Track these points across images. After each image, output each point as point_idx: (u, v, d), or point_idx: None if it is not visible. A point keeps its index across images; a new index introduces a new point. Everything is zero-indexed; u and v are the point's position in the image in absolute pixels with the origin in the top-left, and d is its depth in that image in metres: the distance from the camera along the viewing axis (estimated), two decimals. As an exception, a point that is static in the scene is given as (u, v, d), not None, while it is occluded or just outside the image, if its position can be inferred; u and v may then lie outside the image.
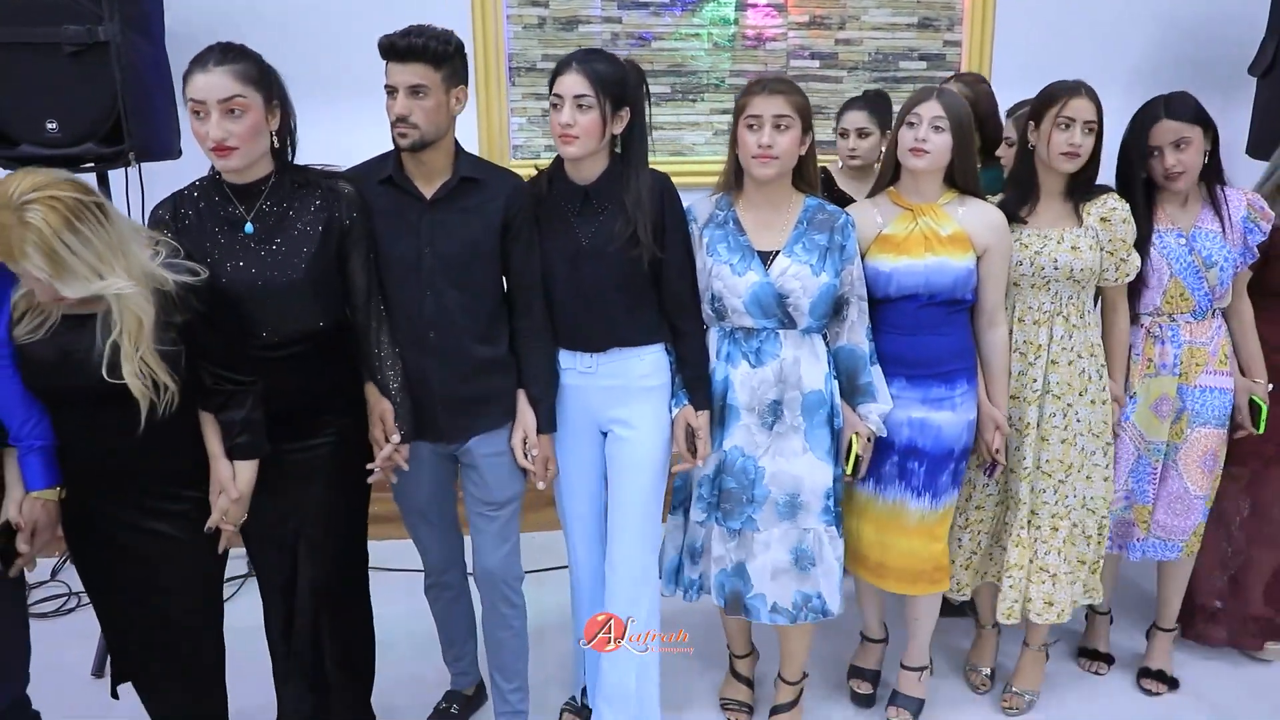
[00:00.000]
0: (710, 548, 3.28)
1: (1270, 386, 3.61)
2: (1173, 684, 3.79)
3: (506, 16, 4.73)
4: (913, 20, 5.05)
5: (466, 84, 2.94)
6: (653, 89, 4.76)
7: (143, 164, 3.71)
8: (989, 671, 3.79)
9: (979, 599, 3.76)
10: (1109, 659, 3.92)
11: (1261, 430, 3.58)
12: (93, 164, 3.72)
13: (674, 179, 3.41)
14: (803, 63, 5.02)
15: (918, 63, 5.09)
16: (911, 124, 3.16)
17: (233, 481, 2.73)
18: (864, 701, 3.69)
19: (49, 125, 3.53)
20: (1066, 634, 3.98)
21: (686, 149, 5.00)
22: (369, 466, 2.98)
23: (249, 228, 2.76)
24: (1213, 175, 3.47)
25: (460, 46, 2.90)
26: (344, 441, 2.94)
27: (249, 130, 2.65)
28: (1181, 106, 3.38)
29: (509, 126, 4.83)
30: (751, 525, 3.20)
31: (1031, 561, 3.45)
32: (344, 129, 3.58)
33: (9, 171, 3.47)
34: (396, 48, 2.78)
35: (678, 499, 3.41)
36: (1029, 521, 3.45)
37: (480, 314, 3.02)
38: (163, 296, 2.51)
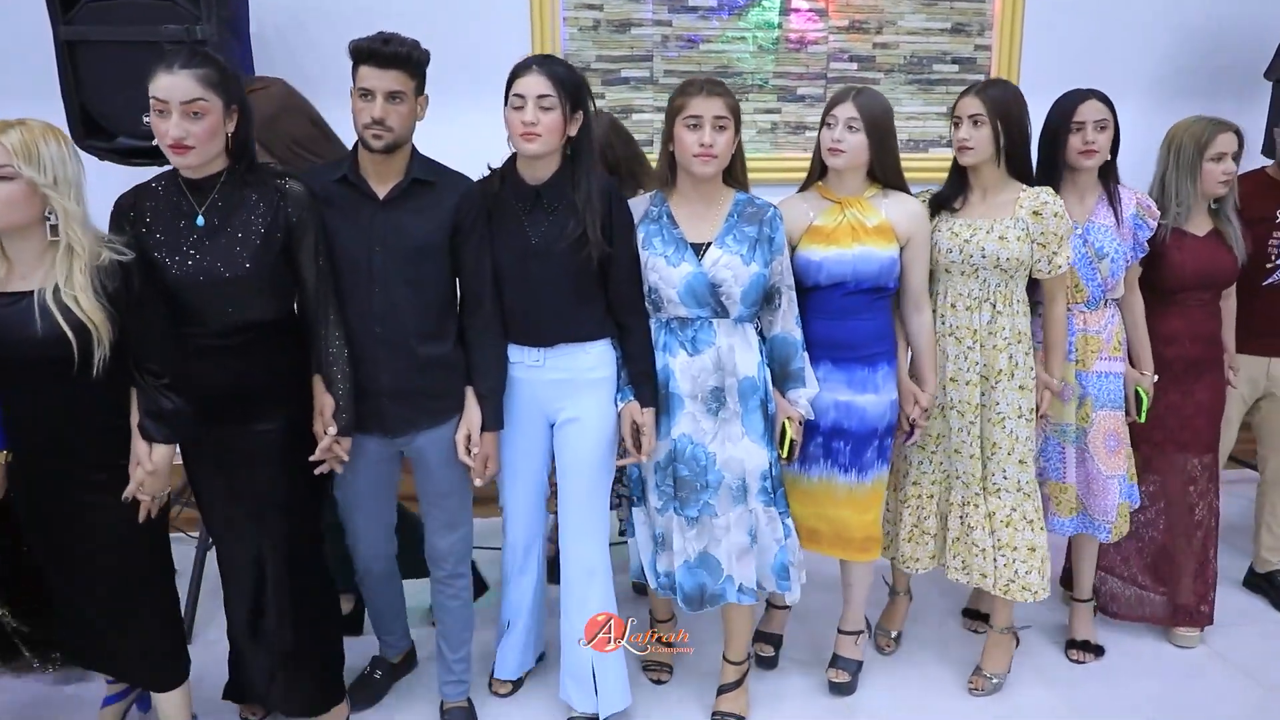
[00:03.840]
0: (671, 540, 3.36)
1: (1156, 378, 3.83)
2: (1098, 651, 3.98)
3: (564, 19, 4.89)
4: (946, 25, 5.21)
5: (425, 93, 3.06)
6: (700, 89, 5.02)
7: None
8: (895, 634, 4.02)
9: (894, 568, 3.95)
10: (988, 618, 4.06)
11: (1143, 419, 3.83)
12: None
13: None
14: (842, 65, 5.19)
15: (950, 66, 5.26)
16: (829, 125, 3.34)
17: (148, 456, 2.86)
18: (767, 664, 3.88)
19: (145, 119, 3.62)
20: (1035, 619, 4.14)
21: (731, 146, 5.15)
22: (311, 459, 3.06)
23: (200, 221, 2.88)
24: (1109, 174, 3.69)
25: (428, 57, 3.03)
26: (293, 427, 3.06)
27: (206, 132, 2.79)
28: (1103, 97, 3.60)
29: (563, 124, 4.98)
30: (710, 510, 3.28)
31: (970, 535, 3.62)
32: (419, 125, 3.81)
33: (109, 164, 3.78)
34: (379, 54, 2.89)
35: (636, 491, 3.48)
36: (973, 498, 3.60)
37: (428, 311, 3.11)
38: (96, 256, 2.74)
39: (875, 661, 3.93)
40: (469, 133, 3.49)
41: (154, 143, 3.64)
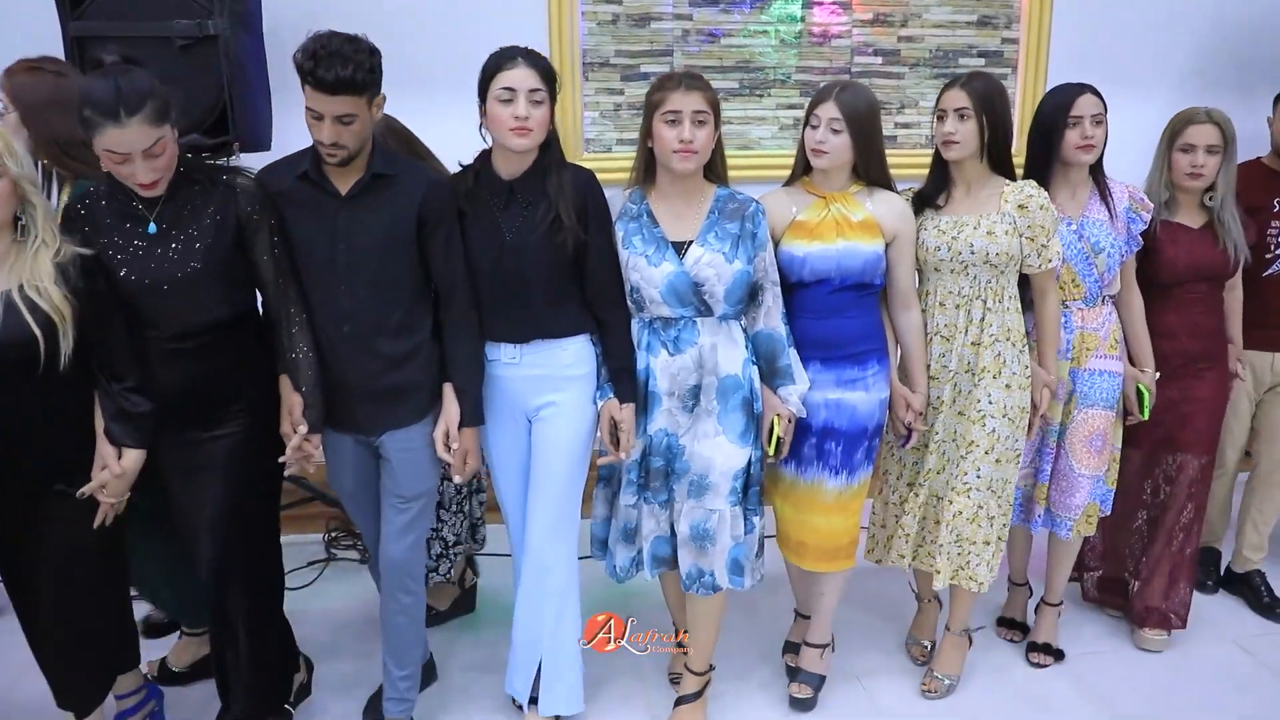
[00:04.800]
0: (642, 526, 3.34)
1: (1157, 374, 3.76)
2: (1058, 655, 3.93)
3: (581, 13, 4.81)
4: (972, 18, 5.12)
5: (381, 88, 2.93)
6: (721, 84, 4.95)
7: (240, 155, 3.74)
8: (929, 644, 3.92)
9: (918, 574, 3.89)
10: (1024, 628, 4.08)
11: (1146, 416, 3.75)
12: (191, 154, 3.77)
13: (741, 172, 3.48)
14: (866, 59, 5.10)
15: (977, 59, 5.15)
16: (813, 125, 3.26)
17: (115, 459, 2.80)
18: (802, 705, 3.68)
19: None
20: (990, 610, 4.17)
21: (753, 143, 5.08)
22: (281, 460, 3.01)
23: (152, 227, 2.82)
24: (1098, 168, 3.63)
25: (378, 55, 2.89)
26: (251, 432, 2.99)
27: (168, 162, 2.74)
28: (1097, 91, 3.54)
29: (582, 121, 4.91)
30: (674, 495, 3.29)
31: (935, 530, 3.57)
32: (434, 121, 3.71)
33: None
34: (324, 82, 2.74)
35: (604, 472, 3.42)
36: (932, 493, 3.56)
37: (397, 308, 3.03)
38: (57, 253, 2.69)
39: (905, 670, 3.87)
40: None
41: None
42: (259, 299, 3.06)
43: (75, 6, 3.56)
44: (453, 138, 3.25)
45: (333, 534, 4.73)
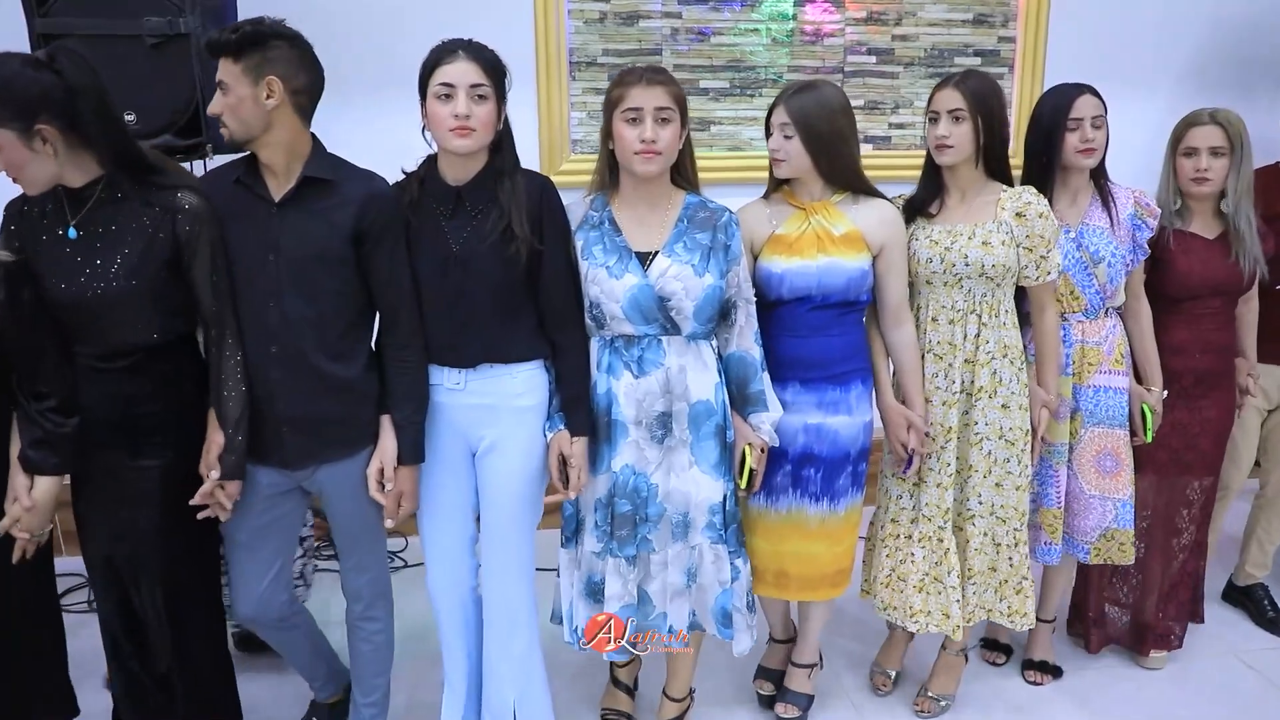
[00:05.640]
0: (607, 586, 3.07)
1: (1165, 393, 3.59)
2: (1055, 673, 3.81)
3: (568, 11, 4.70)
4: (968, 16, 5.01)
5: (284, 73, 2.66)
6: (711, 84, 4.89)
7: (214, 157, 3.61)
8: (894, 674, 3.73)
9: None
10: (1008, 650, 3.95)
11: (1149, 439, 3.58)
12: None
13: (731, 173, 3.36)
14: (859, 58, 5.00)
15: (973, 59, 5.05)
16: (770, 132, 3.10)
17: (26, 492, 2.62)
18: (767, 702, 3.61)
19: (127, 117, 3.43)
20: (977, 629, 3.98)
21: (744, 144, 4.96)
22: (191, 503, 2.75)
23: (72, 233, 2.60)
24: (1100, 172, 3.48)
25: (268, 34, 2.64)
26: (180, 463, 2.76)
27: (8, 163, 2.51)
28: (1096, 92, 3.39)
29: (569, 121, 4.80)
30: (647, 546, 3.04)
31: (936, 569, 3.37)
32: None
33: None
34: (210, 44, 2.63)
35: (568, 529, 3.15)
36: (937, 532, 3.36)
37: (331, 328, 2.80)
38: None
39: (898, 688, 3.75)
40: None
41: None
42: (198, 326, 2.86)
43: (41, 4, 3.46)
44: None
45: (316, 544, 4.63)
